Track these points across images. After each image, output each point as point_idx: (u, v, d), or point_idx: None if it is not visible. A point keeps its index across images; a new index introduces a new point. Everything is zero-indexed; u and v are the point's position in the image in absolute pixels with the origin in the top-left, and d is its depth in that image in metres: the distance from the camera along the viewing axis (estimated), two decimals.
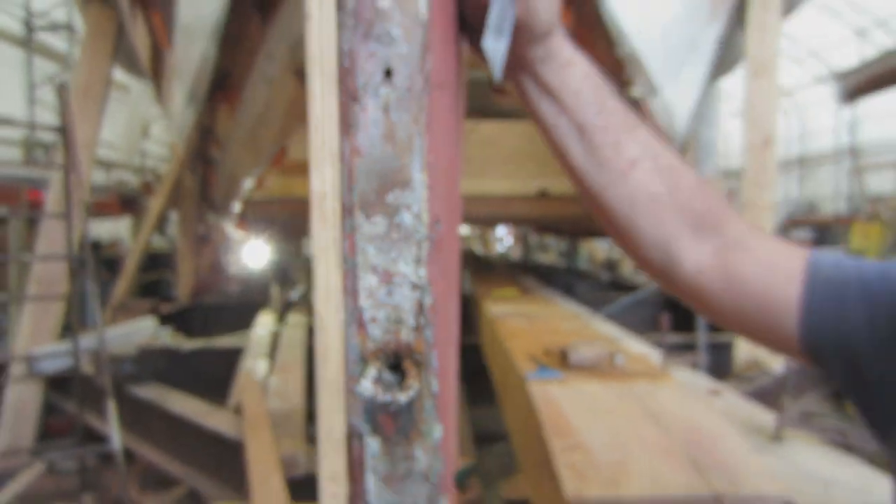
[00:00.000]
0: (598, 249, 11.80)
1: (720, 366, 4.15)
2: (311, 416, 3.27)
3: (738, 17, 4.41)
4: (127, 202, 10.97)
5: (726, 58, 5.26)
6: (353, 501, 0.55)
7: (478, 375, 4.42)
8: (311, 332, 5.52)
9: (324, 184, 0.51)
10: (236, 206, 3.27)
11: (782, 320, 0.64)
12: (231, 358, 4.98)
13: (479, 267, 7.78)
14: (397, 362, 0.54)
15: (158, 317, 6.08)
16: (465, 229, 11.14)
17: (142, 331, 5.48)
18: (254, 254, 9.17)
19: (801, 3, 5.25)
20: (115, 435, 3.90)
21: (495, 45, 0.60)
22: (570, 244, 10.05)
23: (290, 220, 5.88)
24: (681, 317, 3.85)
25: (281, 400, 3.34)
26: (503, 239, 16.75)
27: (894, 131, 18.22)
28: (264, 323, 5.91)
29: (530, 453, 2.02)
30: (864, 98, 16.32)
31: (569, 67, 0.68)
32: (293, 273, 9.95)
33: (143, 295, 8.51)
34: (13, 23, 9.76)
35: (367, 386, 0.54)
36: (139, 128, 13.50)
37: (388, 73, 0.48)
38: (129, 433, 4.21)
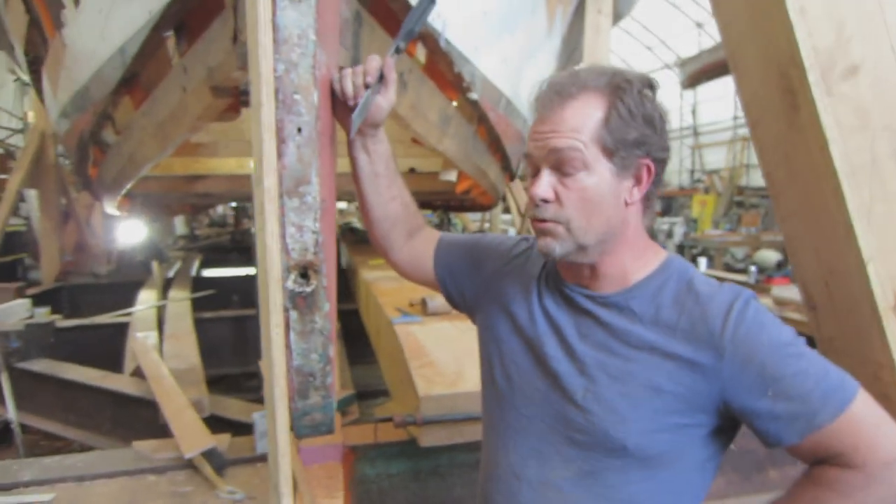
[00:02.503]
0: (471, 221, 12.57)
1: None
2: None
3: (579, 21, 5.17)
4: None
5: (571, 55, 6.05)
6: (286, 346, 1.09)
7: (357, 338, 4.96)
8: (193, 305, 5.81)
9: (270, 183, 0.97)
10: (128, 186, 3.55)
11: (427, 263, 1.28)
12: (115, 333, 5.20)
13: (356, 240, 8.26)
14: (305, 271, 1.08)
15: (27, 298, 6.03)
16: (342, 205, 11.51)
17: (17, 311, 5.51)
18: (128, 232, 9.10)
19: (632, 8, 6.13)
20: (12, 407, 4.08)
21: (357, 121, 1.13)
22: (444, 216, 10.74)
23: (164, 197, 6.02)
24: None
25: (178, 361, 3.72)
26: None
27: (727, 113, 20.48)
28: (146, 299, 6.10)
29: (397, 375, 2.60)
30: (703, 83, 18.30)
31: (381, 143, 1.20)
32: (167, 251, 9.97)
33: None
34: None
35: (290, 283, 1.07)
36: None
37: (299, 130, 1.02)
38: (22, 408, 4.37)
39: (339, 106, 1.13)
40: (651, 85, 0.98)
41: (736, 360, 0.91)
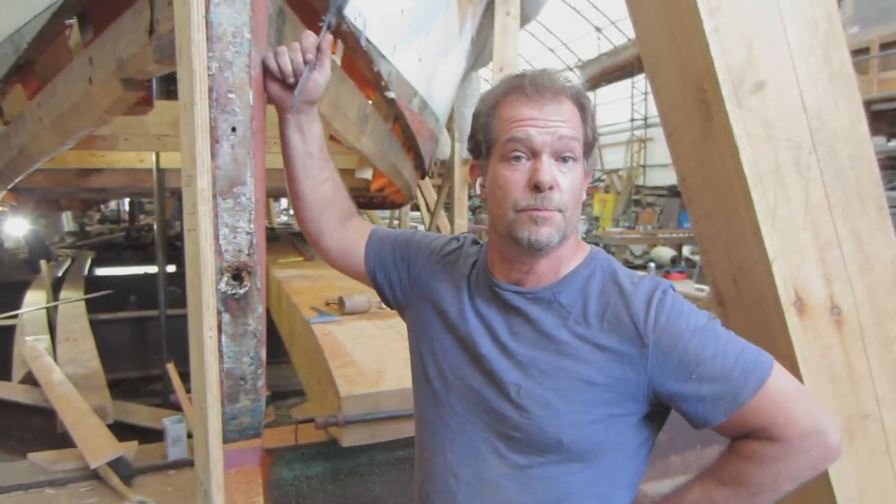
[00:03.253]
0: (380, 219, 12.53)
1: None
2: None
3: (489, 23, 5.27)
4: None
5: (481, 55, 6.16)
6: (217, 334, 1.06)
7: (268, 338, 4.84)
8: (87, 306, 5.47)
9: (204, 183, 0.94)
10: (17, 180, 3.30)
11: (358, 256, 1.28)
12: (0, 338, 4.82)
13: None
14: (239, 273, 1.06)
15: None
16: None
17: None
18: (10, 228, 8.45)
19: (539, 11, 6.29)
20: None
21: (298, 98, 1.10)
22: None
23: (54, 191, 5.62)
24: None
25: (76, 366, 3.50)
26: (287, 209, 16.86)
27: (625, 115, 21.44)
28: (35, 301, 5.69)
29: (315, 377, 2.57)
30: (603, 86, 19.07)
31: (315, 122, 1.19)
32: (55, 249, 9.32)
33: None
34: None
35: (222, 286, 1.05)
36: None
37: (233, 129, 0.99)
38: None
39: (275, 85, 1.11)
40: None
41: (659, 347, 0.95)
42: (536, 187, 0.96)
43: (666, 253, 11.36)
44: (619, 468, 1.03)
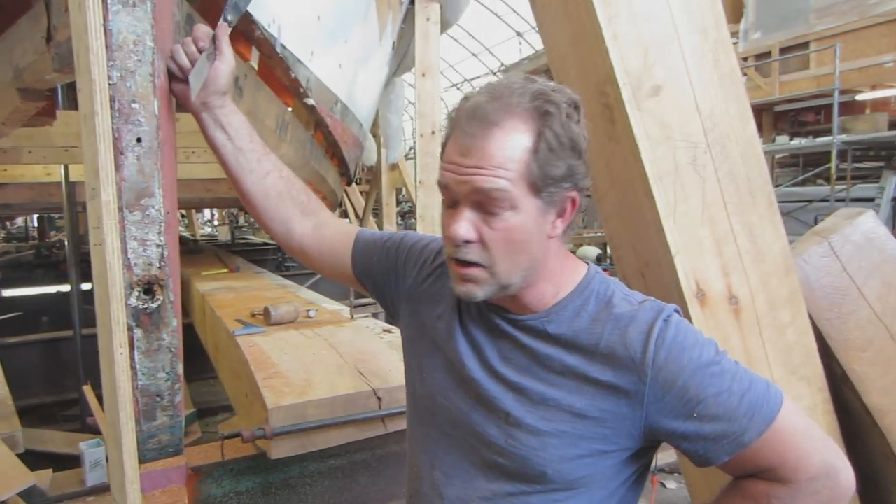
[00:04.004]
0: None
1: None
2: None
3: (410, 28, 5.29)
4: None
5: (404, 61, 6.18)
6: (130, 367, 1.03)
7: (192, 353, 4.70)
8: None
9: (108, 196, 0.90)
10: None
11: (345, 261, 1.20)
12: None
13: (187, 250, 7.81)
14: (150, 287, 1.03)
15: None
16: None
17: None
18: None
19: (459, 16, 6.36)
20: None
21: (195, 84, 1.09)
22: None
23: None
24: None
25: None
26: (211, 220, 16.40)
27: None
28: None
29: (242, 390, 2.52)
30: None
31: (234, 114, 1.16)
32: None
33: None
34: None
35: (132, 300, 1.02)
36: None
37: (139, 140, 0.97)
38: None
39: (179, 84, 1.08)
40: (576, 105, 0.89)
41: (658, 384, 0.87)
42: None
43: (591, 251, 11.69)
44: (608, 497, 0.97)
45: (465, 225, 0.87)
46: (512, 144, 0.84)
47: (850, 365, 1.33)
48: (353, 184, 7.85)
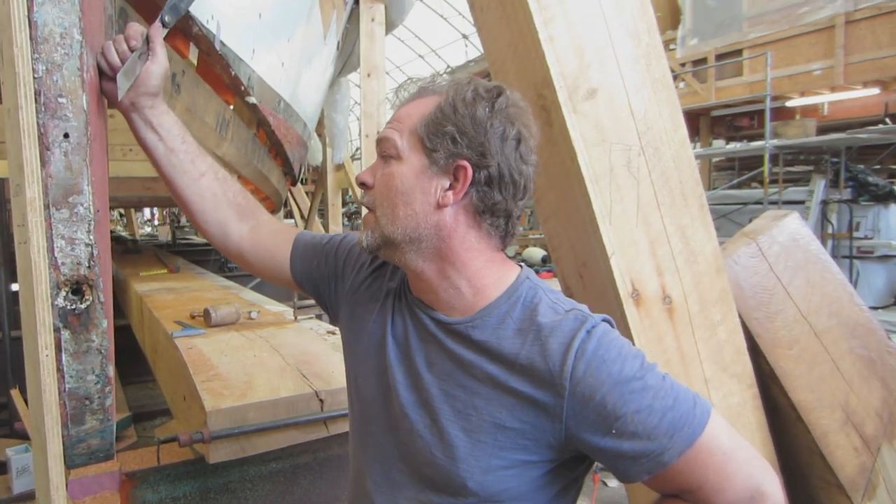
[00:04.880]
0: None
1: None
2: None
3: (355, 28, 5.26)
4: None
5: (349, 61, 6.14)
6: (58, 369, 1.00)
7: (130, 356, 4.55)
8: None
9: (34, 193, 0.87)
10: None
11: (284, 265, 1.19)
12: None
13: (123, 250, 7.55)
14: (79, 287, 1.00)
15: None
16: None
17: None
18: None
19: (404, 17, 6.36)
20: None
21: (123, 83, 1.06)
22: None
23: None
24: None
25: None
26: (151, 220, 15.91)
27: None
28: None
29: (180, 393, 2.45)
30: None
31: (165, 115, 1.14)
32: None
33: None
34: None
35: (60, 301, 0.99)
36: None
37: (66, 135, 0.94)
38: None
39: (108, 83, 1.06)
40: (498, 94, 0.91)
41: (575, 398, 0.85)
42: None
43: (537, 253, 11.84)
44: None
45: (368, 172, 0.97)
46: (418, 108, 0.94)
47: (778, 362, 1.38)
48: (299, 184, 7.76)
